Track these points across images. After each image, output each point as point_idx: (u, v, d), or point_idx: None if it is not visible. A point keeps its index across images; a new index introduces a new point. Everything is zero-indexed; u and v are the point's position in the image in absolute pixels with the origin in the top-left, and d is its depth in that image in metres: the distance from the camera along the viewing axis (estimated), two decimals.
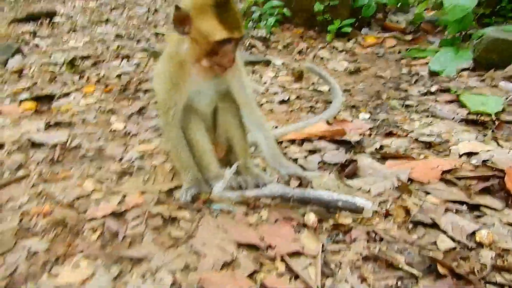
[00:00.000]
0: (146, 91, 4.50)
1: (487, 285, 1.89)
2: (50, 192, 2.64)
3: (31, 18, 9.02)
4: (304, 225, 2.28)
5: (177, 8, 2.19)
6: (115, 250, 2.11)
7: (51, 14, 9.33)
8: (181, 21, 2.23)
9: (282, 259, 2.03)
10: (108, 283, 1.87)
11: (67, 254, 2.09)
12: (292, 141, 3.26)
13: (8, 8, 11.06)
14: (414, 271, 1.96)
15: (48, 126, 3.64)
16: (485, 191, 2.56)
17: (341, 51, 5.98)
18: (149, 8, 10.41)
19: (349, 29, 6.29)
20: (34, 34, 7.59)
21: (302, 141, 3.24)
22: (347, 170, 2.76)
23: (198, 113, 2.60)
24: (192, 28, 2.24)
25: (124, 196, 2.55)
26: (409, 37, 6.43)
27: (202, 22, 2.20)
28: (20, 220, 2.38)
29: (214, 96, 2.59)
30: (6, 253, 2.11)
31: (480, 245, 2.13)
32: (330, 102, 3.91)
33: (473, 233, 2.20)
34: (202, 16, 2.19)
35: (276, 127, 3.54)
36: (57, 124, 3.68)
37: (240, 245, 2.12)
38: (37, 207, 2.49)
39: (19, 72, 5.28)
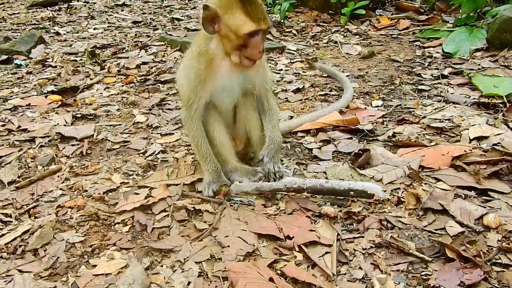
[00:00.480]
0: (165, 82, 4.65)
1: (493, 266, 2.01)
2: (82, 186, 2.83)
3: (50, 3, 9.21)
4: (320, 215, 2.42)
5: (206, 7, 2.36)
6: (145, 242, 2.30)
7: None
8: (211, 19, 2.40)
9: (300, 249, 2.19)
10: (142, 273, 2.04)
11: (101, 246, 2.28)
12: (307, 131, 3.38)
13: None
14: (424, 256, 2.09)
15: (74, 119, 3.84)
16: (494, 175, 2.65)
17: (355, 34, 6.01)
18: None
19: (363, 11, 6.30)
20: (53, 20, 7.76)
21: (317, 131, 3.36)
22: (360, 160, 2.88)
23: (219, 109, 2.74)
24: (221, 25, 2.40)
25: (151, 190, 2.72)
26: (423, 17, 6.41)
27: (231, 18, 2.37)
28: (56, 213, 2.57)
29: (238, 92, 2.72)
30: (46, 245, 2.31)
31: (487, 228, 2.25)
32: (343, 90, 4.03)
33: (481, 217, 2.32)
34: (230, 12, 2.37)
35: (291, 117, 3.67)
36: (83, 117, 3.88)
37: (260, 236, 2.29)
38: (71, 200, 2.68)
39: (43, 62, 5.47)
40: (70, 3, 9.29)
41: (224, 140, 2.75)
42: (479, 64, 4.42)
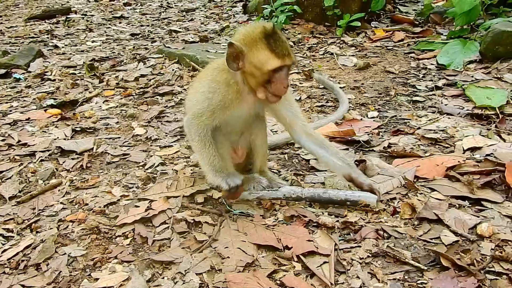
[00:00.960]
0: (163, 94, 4.70)
1: (487, 275, 2.06)
2: (82, 199, 2.87)
3: (47, 15, 9.30)
4: (318, 225, 2.47)
5: (231, 45, 2.39)
6: (146, 254, 2.33)
7: (66, 11, 9.58)
8: (235, 57, 2.43)
9: (299, 259, 2.23)
10: (143, 286, 2.08)
11: (103, 259, 2.32)
12: None
13: (24, 3, 11.34)
14: (420, 265, 2.13)
15: (74, 133, 3.88)
16: (487, 185, 2.71)
17: (351, 46, 6.09)
18: (161, 3, 10.58)
19: (358, 23, 6.39)
20: (51, 33, 7.83)
21: None
22: None
23: (226, 129, 2.76)
24: (245, 63, 2.43)
25: (151, 202, 2.76)
26: (417, 29, 6.51)
27: (255, 54, 2.40)
28: (58, 228, 2.61)
29: (253, 117, 2.79)
30: (48, 259, 2.35)
31: (480, 237, 2.30)
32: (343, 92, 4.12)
33: (475, 227, 2.37)
34: (255, 49, 2.40)
35: None
36: (83, 130, 3.92)
37: (259, 247, 2.33)
38: (72, 214, 2.72)
39: (42, 76, 5.53)
40: (68, 16, 9.37)
41: (225, 152, 2.79)
42: (472, 76, 4.49)
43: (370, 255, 2.23)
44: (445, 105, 3.96)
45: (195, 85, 2.82)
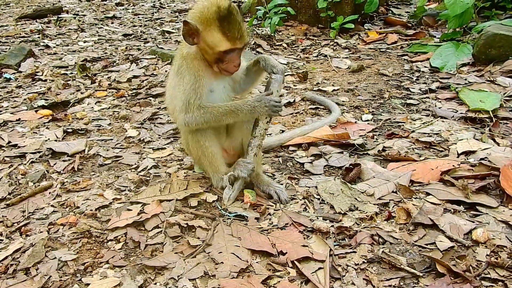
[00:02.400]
0: (156, 95, 4.66)
1: (482, 281, 2.04)
2: (74, 202, 2.83)
3: (38, 15, 9.21)
4: (312, 230, 2.45)
5: (186, 23, 2.49)
6: (138, 259, 2.30)
7: (57, 10, 9.49)
8: (190, 34, 2.54)
9: (293, 264, 2.21)
10: None
11: (94, 264, 2.28)
12: (299, 145, 3.41)
13: (15, 2, 11.23)
14: (416, 271, 2.12)
15: (65, 134, 3.83)
16: (482, 189, 2.70)
17: (345, 48, 6.08)
18: (154, 4, 10.52)
19: (352, 25, 6.38)
20: (43, 33, 7.74)
21: (308, 145, 3.40)
22: (351, 174, 2.92)
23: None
24: (200, 39, 2.55)
25: (143, 206, 2.73)
26: (410, 32, 6.51)
27: (208, 35, 2.51)
28: (48, 231, 2.56)
29: (226, 97, 2.80)
30: (38, 263, 2.30)
31: (476, 243, 2.29)
32: (335, 103, 4.09)
33: (470, 232, 2.36)
34: (208, 29, 2.49)
35: (282, 131, 3.70)
36: (74, 132, 3.87)
37: (253, 252, 2.30)
38: (63, 217, 2.68)
39: (33, 76, 5.46)
40: (60, 16, 9.28)
41: (216, 150, 2.80)
42: (465, 79, 4.50)
43: (366, 261, 2.21)
44: (439, 108, 3.95)
45: (169, 83, 2.90)
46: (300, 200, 2.76)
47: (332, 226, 2.47)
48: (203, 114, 2.61)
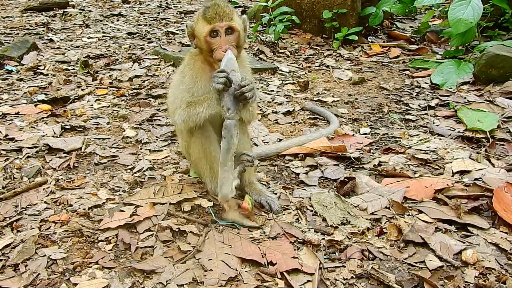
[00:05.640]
0: (157, 96, 4.67)
1: None
2: (67, 200, 2.82)
3: (44, 8, 9.21)
4: (303, 242, 2.45)
5: (186, 26, 2.63)
6: (128, 262, 2.29)
7: (63, 4, 9.50)
8: (191, 35, 2.64)
9: (282, 276, 2.21)
10: None
11: (83, 264, 2.28)
12: (295, 155, 3.42)
13: None
14: None
15: (63, 130, 3.83)
16: (474, 210, 2.71)
17: (347, 59, 6.11)
18: (160, 3, 10.53)
19: (355, 37, 6.41)
20: (47, 26, 7.75)
21: (304, 155, 3.41)
22: (345, 188, 2.92)
23: (210, 124, 2.77)
24: (196, 38, 2.63)
25: (136, 207, 2.73)
26: (413, 47, 6.54)
27: (196, 28, 2.60)
28: (40, 228, 2.56)
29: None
30: (27, 260, 2.30)
31: (465, 264, 2.29)
32: (334, 115, 4.10)
33: (460, 252, 2.37)
34: (197, 23, 2.60)
35: (280, 140, 3.71)
36: (72, 129, 3.87)
37: (243, 261, 2.30)
38: (55, 215, 2.67)
39: (34, 69, 5.46)
40: (66, 10, 9.29)
41: (218, 155, 2.77)
42: (465, 98, 4.52)
43: (354, 276, 2.22)
44: (437, 125, 3.97)
45: (172, 84, 2.96)
46: (293, 210, 2.76)
47: (323, 239, 2.48)
48: (186, 108, 2.63)
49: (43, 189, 2.97)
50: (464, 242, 2.45)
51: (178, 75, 2.79)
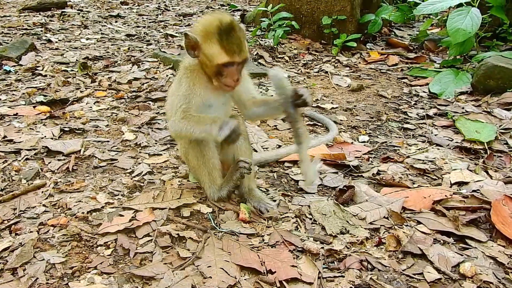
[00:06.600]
0: (156, 99, 4.66)
1: None
2: (66, 203, 2.82)
3: (42, 7, 9.20)
4: (303, 251, 2.46)
5: (186, 36, 2.56)
6: (127, 267, 2.29)
7: (62, 4, 9.48)
8: (192, 46, 2.59)
9: (281, 284, 2.20)
10: None
11: (82, 269, 2.27)
12: (295, 162, 3.43)
13: None
14: None
15: (62, 133, 3.82)
16: (472, 222, 2.72)
17: (346, 66, 6.13)
18: (159, 5, 10.54)
19: (354, 44, 6.44)
20: (45, 26, 7.73)
21: None
22: (344, 196, 2.93)
23: None
24: (200, 52, 2.59)
25: (135, 212, 2.72)
26: (412, 55, 6.58)
27: (207, 47, 2.54)
28: (38, 231, 2.55)
29: (223, 112, 2.84)
30: (26, 264, 2.29)
31: (463, 276, 2.30)
32: (333, 122, 4.12)
33: (458, 265, 2.37)
34: (208, 42, 2.53)
35: (279, 146, 3.71)
36: (71, 131, 3.86)
37: (242, 268, 2.30)
38: (54, 218, 2.66)
39: (33, 70, 5.44)
40: (64, 10, 9.28)
41: (217, 161, 2.85)
42: (463, 108, 4.54)
43: (353, 287, 2.22)
44: (435, 135, 3.99)
45: (169, 91, 2.96)
46: (292, 218, 2.77)
47: (322, 248, 2.48)
48: (182, 119, 2.63)
49: (42, 192, 2.96)
50: (462, 255, 2.46)
51: (176, 84, 2.80)
